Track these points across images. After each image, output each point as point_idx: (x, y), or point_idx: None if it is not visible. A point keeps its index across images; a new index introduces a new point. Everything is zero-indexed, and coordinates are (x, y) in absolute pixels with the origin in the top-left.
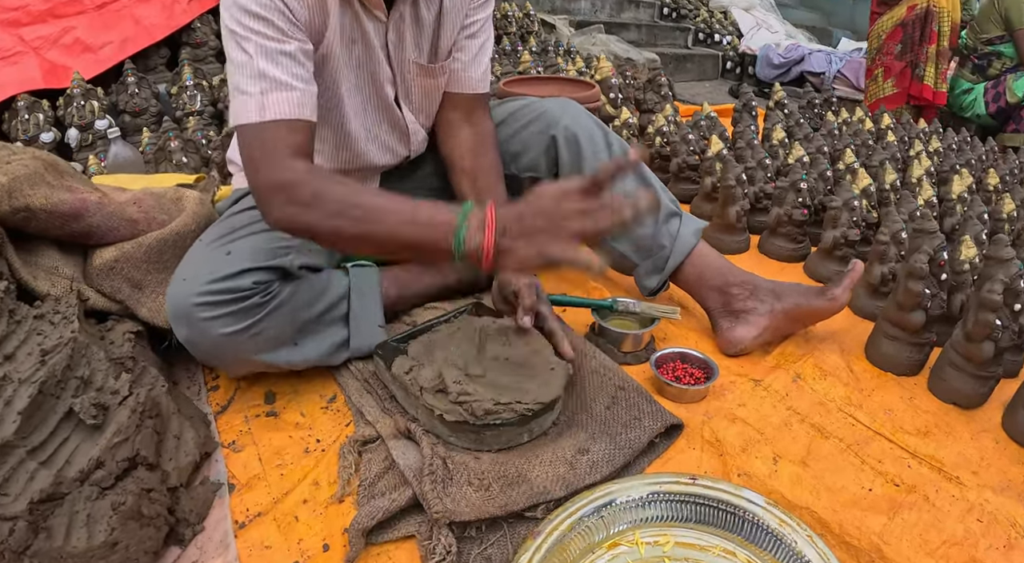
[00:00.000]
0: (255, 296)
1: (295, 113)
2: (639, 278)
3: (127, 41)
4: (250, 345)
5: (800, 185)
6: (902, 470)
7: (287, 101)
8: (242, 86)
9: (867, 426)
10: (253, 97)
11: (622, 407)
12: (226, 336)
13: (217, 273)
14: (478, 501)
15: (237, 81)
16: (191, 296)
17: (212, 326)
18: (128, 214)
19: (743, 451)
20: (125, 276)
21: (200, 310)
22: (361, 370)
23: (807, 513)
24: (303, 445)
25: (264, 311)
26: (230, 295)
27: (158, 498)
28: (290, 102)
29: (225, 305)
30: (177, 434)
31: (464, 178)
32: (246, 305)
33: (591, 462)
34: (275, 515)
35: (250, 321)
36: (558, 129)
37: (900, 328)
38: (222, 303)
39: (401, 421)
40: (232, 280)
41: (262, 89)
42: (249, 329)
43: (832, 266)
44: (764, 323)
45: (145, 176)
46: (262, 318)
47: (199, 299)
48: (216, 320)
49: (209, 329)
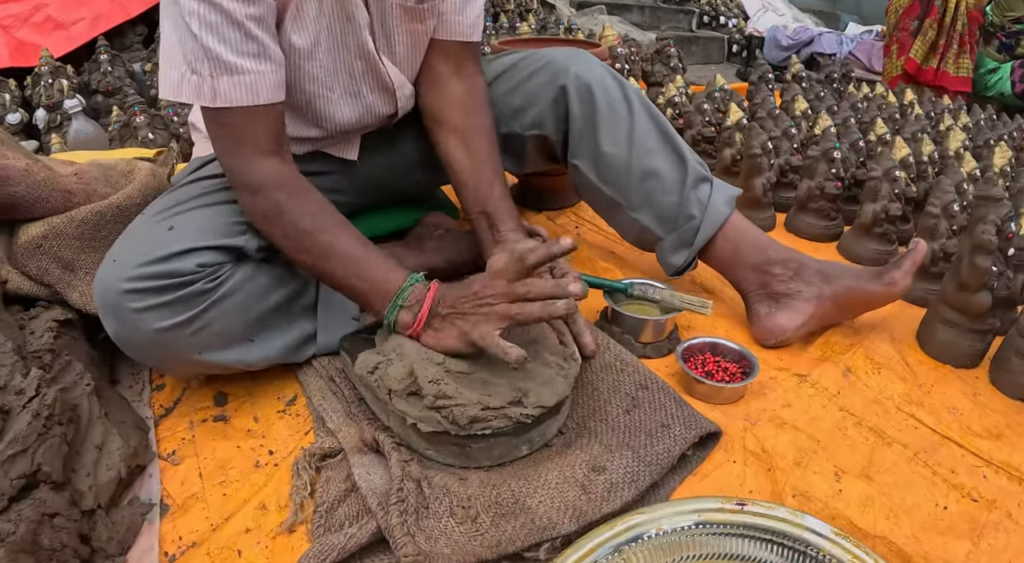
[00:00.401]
0: (199, 282)
1: (251, 99)
2: (662, 254)
3: (100, 17)
4: (193, 342)
5: (833, 154)
6: (978, 482)
7: (240, 86)
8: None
9: (932, 429)
10: (204, 79)
11: (645, 411)
12: (162, 331)
13: (153, 253)
14: (462, 538)
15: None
16: (120, 282)
17: (145, 319)
18: (62, 184)
19: (797, 464)
20: (54, 255)
21: (130, 299)
22: (326, 367)
23: (883, 543)
24: (253, 458)
25: (209, 300)
26: (167, 280)
27: (65, 525)
28: (244, 87)
29: (161, 293)
30: (99, 444)
31: (455, 138)
32: (187, 293)
33: (609, 484)
34: (211, 547)
35: (192, 313)
36: (568, 78)
37: (961, 312)
38: (157, 290)
39: (368, 430)
40: (170, 262)
41: (211, 71)
42: (192, 322)
43: (871, 245)
44: (810, 310)
45: (103, 152)
46: (207, 308)
47: (129, 285)
48: (149, 311)
49: (141, 323)
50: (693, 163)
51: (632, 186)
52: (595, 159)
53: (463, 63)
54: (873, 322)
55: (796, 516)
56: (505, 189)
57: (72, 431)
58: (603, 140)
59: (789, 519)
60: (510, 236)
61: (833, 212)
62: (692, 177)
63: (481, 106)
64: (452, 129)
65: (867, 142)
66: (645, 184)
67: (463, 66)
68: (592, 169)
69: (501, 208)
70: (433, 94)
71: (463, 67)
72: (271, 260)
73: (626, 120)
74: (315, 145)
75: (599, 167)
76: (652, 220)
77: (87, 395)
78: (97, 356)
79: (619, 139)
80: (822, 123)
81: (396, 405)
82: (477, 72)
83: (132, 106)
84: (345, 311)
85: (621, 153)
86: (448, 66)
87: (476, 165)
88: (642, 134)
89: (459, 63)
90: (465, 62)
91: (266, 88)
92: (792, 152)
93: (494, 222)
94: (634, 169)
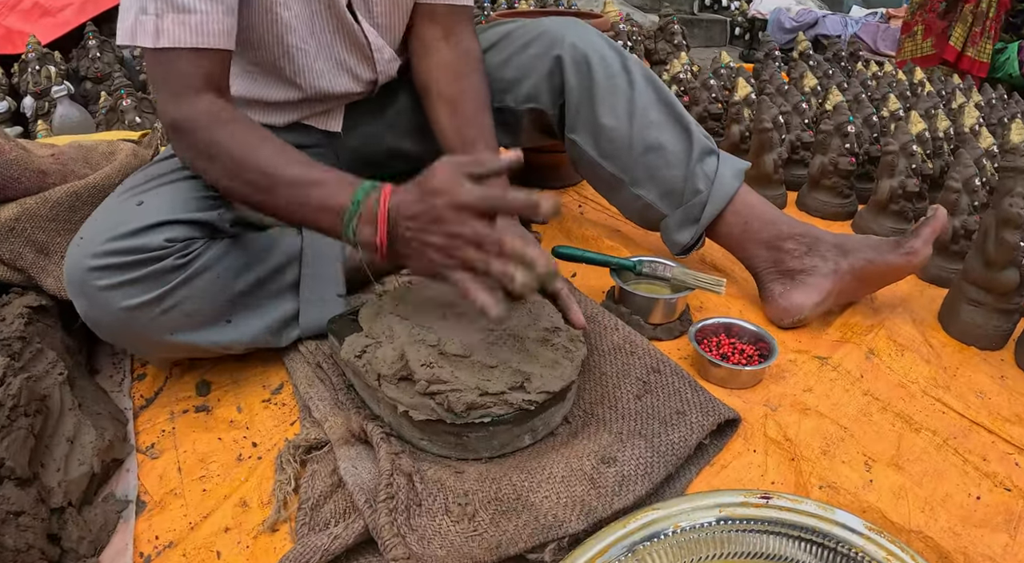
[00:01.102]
0: (169, 258)
1: (195, 41)
2: (668, 232)
3: (88, 3)
4: (163, 322)
5: (847, 129)
6: (1011, 469)
7: (185, 26)
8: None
9: (961, 414)
10: (149, 18)
11: (658, 397)
12: (131, 310)
13: (119, 228)
14: (458, 539)
15: None
16: (86, 258)
17: (112, 297)
18: (36, 165)
19: (823, 453)
20: (27, 238)
21: (97, 276)
22: (313, 352)
23: (918, 538)
24: (235, 450)
25: (179, 277)
26: (134, 256)
27: (31, 524)
28: (188, 27)
29: (128, 269)
30: (71, 437)
31: (442, 105)
32: (155, 269)
33: (620, 477)
34: (187, 547)
35: (162, 290)
36: (563, 49)
37: (987, 291)
38: (124, 266)
39: (355, 419)
40: (138, 237)
41: (157, 9)
42: (161, 301)
43: (888, 223)
44: (827, 286)
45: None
46: (177, 286)
47: (95, 262)
48: (116, 289)
49: (109, 301)
50: (698, 135)
51: (634, 161)
52: (594, 133)
53: (453, 28)
54: (893, 302)
55: (826, 510)
56: (492, 151)
57: (40, 423)
58: (602, 113)
59: (818, 513)
60: None
61: (847, 189)
62: (698, 150)
63: (472, 70)
64: (439, 96)
65: (880, 118)
66: (647, 158)
67: (453, 31)
68: (591, 144)
69: None
70: (423, 62)
71: (453, 32)
72: (248, 235)
73: (626, 92)
74: (296, 113)
75: (598, 141)
76: (656, 196)
77: (59, 385)
78: (74, 344)
79: (619, 112)
80: (833, 98)
81: (386, 391)
82: (468, 36)
83: (119, 90)
84: (330, 288)
85: (621, 126)
86: (436, 31)
87: (461, 127)
88: (643, 106)
89: (448, 28)
90: (456, 26)
91: (213, 32)
92: (803, 127)
93: None
94: (635, 143)
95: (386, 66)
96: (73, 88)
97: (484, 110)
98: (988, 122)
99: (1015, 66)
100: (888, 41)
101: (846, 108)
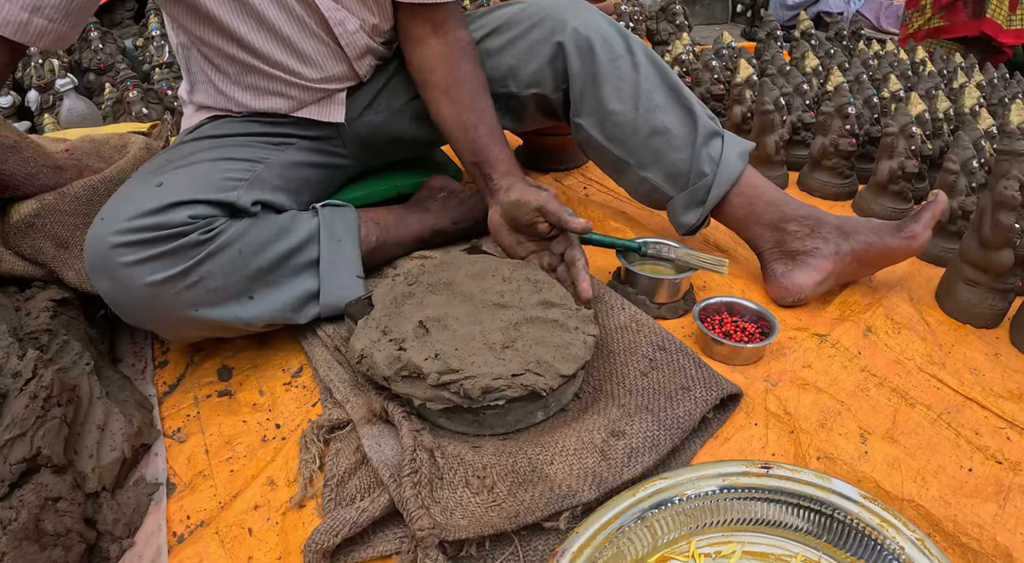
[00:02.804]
0: (193, 233)
1: None
2: (674, 213)
3: None
4: (187, 297)
5: (847, 110)
6: (1002, 443)
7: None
8: None
9: (955, 390)
10: None
11: (664, 373)
12: (156, 285)
13: (142, 207)
14: (479, 509)
15: None
16: (108, 236)
17: (136, 273)
18: (52, 160)
19: (821, 426)
20: (48, 233)
21: (120, 253)
22: (331, 335)
23: (911, 507)
24: (260, 432)
25: (204, 252)
26: (159, 232)
27: (68, 509)
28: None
29: (152, 245)
30: (101, 424)
31: (439, 95)
32: (181, 244)
33: (629, 449)
34: (219, 526)
35: (187, 264)
36: (565, 34)
37: (983, 271)
38: (148, 242)
39: (376, 400)
40: (161, 214)
41: None
42: (186, 275)
43: (887, 203)
44: (828, 267)
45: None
46: (202, 260)
47: (118, 238)
48: (141, 265)
49: (133, 277)
50: (703, 118)
51: (640, 144)
52: (600, 117)
53: (440, 22)
54: (891, 281)
55: (823, 479)
56: (494, 134)
57: (72, 412)
58: (607, 97)
59: (816, 482)
60: (502, 183)
61: (847, 170)
62: (703, 132)
63: (464, 58)
64: (435, 87)
65: (881, 99)
66: (653, 141)
67: (440, 24)
68: (597, 128)
69: (491, 153)
70: (416, 57)
71: (441, 26)
72: (267, 214)
73: (631, 75)
74: (291, 103)
75: (604, 125)
76: (662, 179)
77: (87, 375)
78: (96, 335)
79: (624, 96)
80: (834, 79)
81: (398, 389)
82: (458, 26)
83: (124, 81)
84: (349, 269)
85: (627, 110)
86: (425, 27)
87: (460, 113)
88: (648, 89)
89: (436, 23)
90: (443, 21)
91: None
92: (804, 109)
93: (485, 170)
94: (641, 126)
95: (352, 39)
96: (77, 81)
97: (481, 94)
98: (989, 102)
99: None
100: (891, 18)
101: (847, 89)
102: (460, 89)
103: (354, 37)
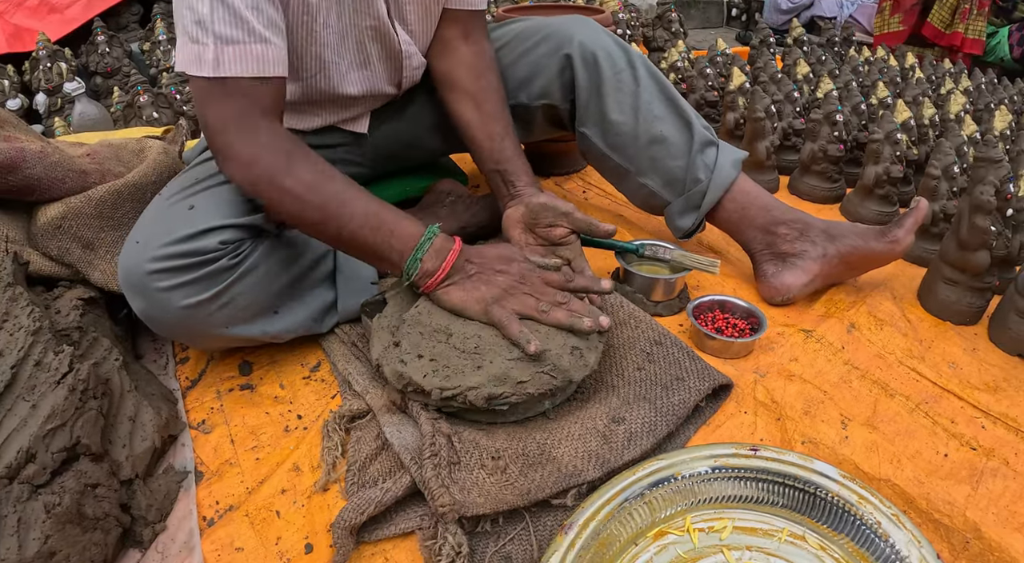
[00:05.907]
0: (223, 258)
1: (256, 70)
2: (671, 218)
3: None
4: (220, 317)
5: (836, 118)
6: (977, 432)
7: (246, 56)
8: (192, 32)
9: (933, 382)
10: (207, 47)
11: (660, 365)
12: (190, 308)
13: (176, 233)
14: (493, 488)
15: (186, 25)
16: (145, 262)
17: (172, 297)
18: (77, 165)
19: (805, 414)
20: (74, 235)
21: (156, 278)
22: (348, 333)
23: (887, 486)
24: (282, 423)
25: (233, 276)
26: (192, 258)
27: (106, 495)
28: (250, 57)
29: (187, 271)
30: (132, 416)
31: (467, 101)
32: (212, 269)
33: (628, 433)
34: (248, 509)
35: (218, 288)
36: (572, 47)
37: (961, 271)
38: (183, 269)
39: (394, 392)
40: (194, 241)
41: (216, 40)
42: (218, 298)
43: (873, 206)
44: (815, 269)
45: (110, 133)
46: (232, 283)
47: (154, 265)
48: (177, 290)
49: (169, 301)
50: (699, 128)
51: (639, 152)
52: (602, 127)
53: (471, 30)
54: (875, 281)
55: (806, 460)
56: (517, 146)
57: (106, 404)
58: (610, 108)
59: (799, 463)
60: (525, 191)
61: (836, 174)
62: (698, 141)
63: (489, 68)
64: (463, 91)
65: (869, 105)
66: (652, 150)
67: (471, 32)
68: (600, 137)
69: (515, 164)
70: (444, 60)
71: (471, 33)
72: (287, 234)
73: (632, 87)
74: (325, 119)
75: (606, 135)
76: (660, 185)
77: (117, 369)
78: (121, 332)
79: (625, 107)
80: (824, 87)
81: (410, 398)
82: (484, 37)
83: (135, 86)
84: (362, 277)
85: (628, 121)
86: (456, 31)
87: (487, 122)
88: (648, 101)
89: (467, 30)
90: (473, 29)
91: (274, 61)
92: (795, 115)
93: (509, 178)
94: (641, 136)
95: (412, 72)
96: (85, 85)
97: (505, 106)
98: (976, 108)
99: (1006, 49)
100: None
101: (836, 97)
102: (487, 99)
103: (415, 71)
